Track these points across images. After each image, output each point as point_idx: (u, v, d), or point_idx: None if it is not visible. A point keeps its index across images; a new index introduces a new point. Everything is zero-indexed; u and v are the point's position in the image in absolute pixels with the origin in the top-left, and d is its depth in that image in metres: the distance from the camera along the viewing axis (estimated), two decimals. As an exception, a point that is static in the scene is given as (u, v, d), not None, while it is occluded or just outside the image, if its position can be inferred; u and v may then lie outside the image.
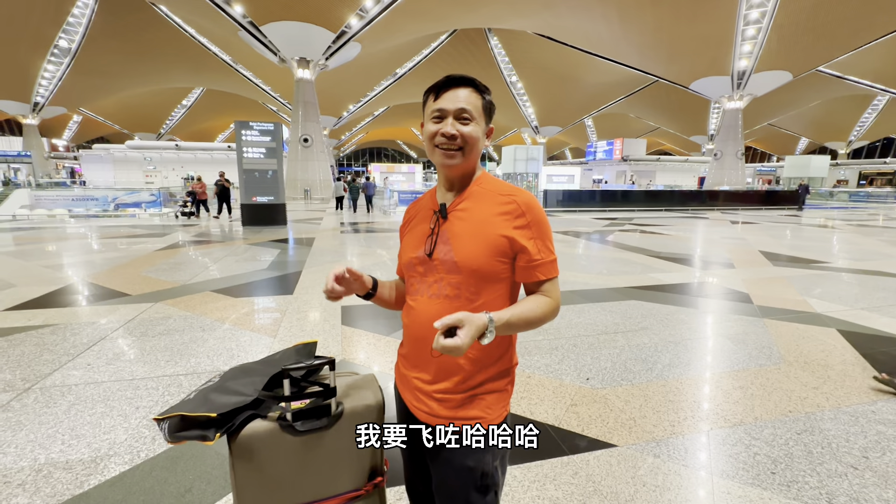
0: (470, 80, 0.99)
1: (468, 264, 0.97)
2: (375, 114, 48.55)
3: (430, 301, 1.01)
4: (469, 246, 0.97)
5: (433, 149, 1.00)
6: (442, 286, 1.00)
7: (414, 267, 1.06)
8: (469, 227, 0.99)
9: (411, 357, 1.07)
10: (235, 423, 1.01)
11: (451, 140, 0.97)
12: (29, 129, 35.47)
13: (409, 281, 1.08)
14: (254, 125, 11.15)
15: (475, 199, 1.03)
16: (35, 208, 14.43)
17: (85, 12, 27.23)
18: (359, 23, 22.62)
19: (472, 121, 0.98)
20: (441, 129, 0.97)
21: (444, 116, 0.97)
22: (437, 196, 1.09)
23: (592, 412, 2.47)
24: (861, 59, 29.07)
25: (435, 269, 1.01)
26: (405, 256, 1.09)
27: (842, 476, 1.95)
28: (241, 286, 5.20)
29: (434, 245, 1.02)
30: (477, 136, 0.99)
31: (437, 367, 1.01)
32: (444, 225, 1.02)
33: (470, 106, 0.97)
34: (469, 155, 0.99)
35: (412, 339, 1.07)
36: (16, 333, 3.58)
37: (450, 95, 0.97)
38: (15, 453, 2.05)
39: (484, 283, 0.98)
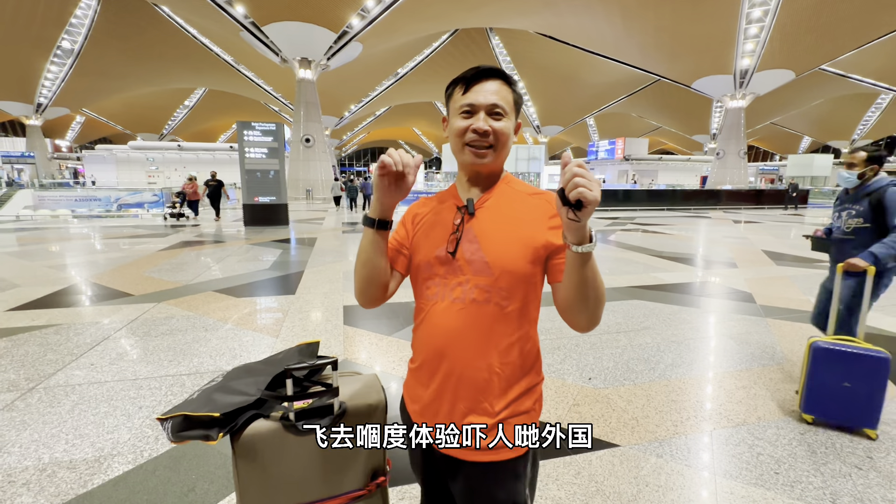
0: (500, 72, 0.91)
1: (501, 264, 0.87)
2: (377, 114, 48.58)
3: (453, 307, 0.89)
4: (501, 245, 0.88)
5: (462, 147, 0.91)
6: (468, 289, 0.88)
7: (432, 268, 0.93)
8: (500, 225, 0.91)
9: (424, 372, 0.95)
10: (238, 422, 1.01)
11: (484, 137, 0.89)
12: (32, 129, 35.63)
13: (425, 284, 0.96)
14: (256, 125, 11.18)
15: (504, 197, 0.95)
16: (38, 209, 14.50)
17: (87, 13, 27.32)
18: (360, 23, 22.63)
19: (505, 116, 0.90)
20: (472, 124, 0.89)
21: (474, 112, 0.90)
22: (458, 193, 1.00)
23: (595, 412, 2.46)
24: (864, 57, 28.95)
25: (459, 271, 0.90)
26: (420, 257, 0.96)
27: (846, 476, 1.94)
28: (243, 286, 5.21)
29: (458, 243, 0.91)
30: (509, 132, 0.92)
31: (456, 382, 0.89)
32: (470, 221, 0.93)
33: (502, 100, 0.90)
34: (500, 153, 0.92)
35: (429, 353, 0.93)
36: (20, 333, 3.60)
37: (480, 89, 0.89)
38: (19, 453, 2.06)
39: (516, 287, 0.88)
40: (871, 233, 2.51)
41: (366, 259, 0.96)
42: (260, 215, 11.54)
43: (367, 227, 0.94)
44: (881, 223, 2.47)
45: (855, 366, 2.24)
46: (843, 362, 2.26)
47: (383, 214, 0.93)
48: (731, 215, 16.47)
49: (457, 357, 0.89)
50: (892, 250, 2.38)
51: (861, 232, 2.55)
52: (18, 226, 11.72)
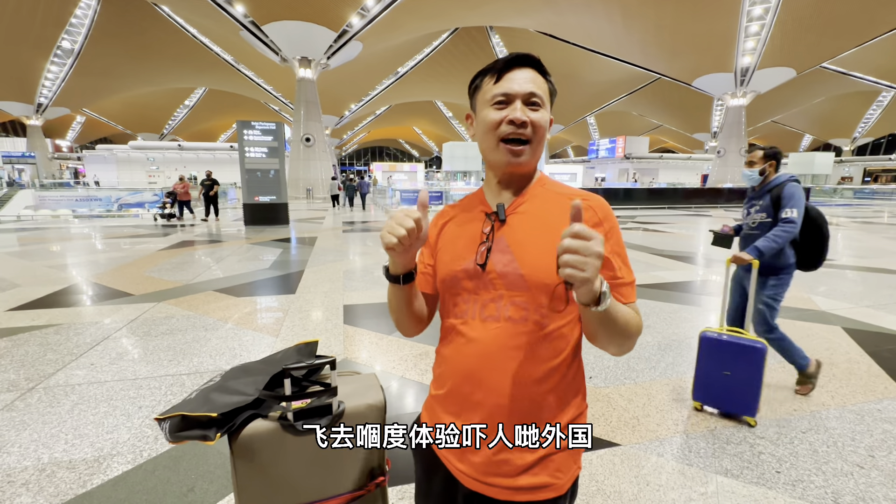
0: (535, 60, 0.82)
1: (538, 278, 0.77)
2: (377, 113, 48.55)
3: (486, 325, 0.80)
4: (538, 255, 0.78)
5: (496, 143, 0.81)
6: (502, 306, 0.79)
7: (459, 282, 0.83)
8: (536, 232, 0.80)
9: (453, 400, 0.84)
10: (236, 422, 1.01)
11: (521, 128, 0.79)
12: (33, 130, 35.67)
13: (452, 300, 0.86)
14: (256, 125, 11.17)
15: (539, 201, 0.84)
16: (39, 209, 14.52)
17: (87, 13, 27.33)
18: (360, 22, 22.61)
19: (542, 107, 0.81)
20: (508, 115, 0.79)
21: (509, 101, 0.80)
22: (486, 197, 0.89)
23: (595, 411, 2.46)
24: (865, 55, 28.88)
25: (491, 285, 0.80)
26: (445, 270, 0.86)
27: (847, 475, 1.93)
28: (243, 286, 5.21)
29: (488, 254, 0.81)
30: (546, 126, 0.82)
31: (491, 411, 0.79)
32: (501, 229, 0.83)
33: (539, 90, 0.80)
34: (537, 150, 0.82)
35: (459, 378, 0.83)
36: (20, 333, 3.60)
37: (515, 77, 0.80)
38: (19, 453, 2.06)
39: (555, 306, 0.79)
40: (772, 227, 2.53)
41: (398, 307, 0.87)
42: (260, 215, 11.54)
43: (393, 284, 0.83)
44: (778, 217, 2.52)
45: (735, 355, 2.32)
46: (725, 352, 2.35)
47: (406, 269, 0.81)
48: (719, 213, 16.44)
49: (493, 384, 0.79)
50: (774, 243, 2.41)
51: (764, 226, 2.57)
52: (19, 226, 11.73)
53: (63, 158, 43.03)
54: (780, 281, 2.55)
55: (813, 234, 2.55)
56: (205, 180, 13.00)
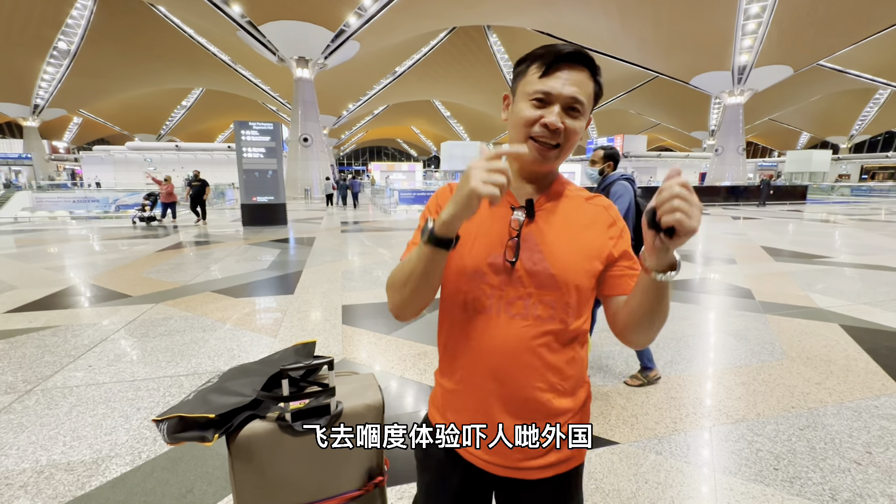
0: (588, 59, 0.77)
1: (569, 278, 0.78)
2: (375, 112, 48.49)
3: (512, 322, 0.79)
4: (568, 255, 0.79)
5: (525, 139, 0.78)
6: (530, 304, 0.79)
7: (483, 276, 0.81)
8: (563, 232, 0.81)
9: (474, 395, 0.83)
10: (234, 423, 1.01)
11: (554, 135, 0.76)
12: (29, 131, 35.54)
13: (472, 294, 0.82)
14: (253, 125, 11.15)
15: (564, 200, 0.85)
16: (36, 210, 14.47)
17: (84, 14, 27.23)
18: (357, 21, 22.58)
19: (581, 115, 0.78)
20: (545, 117, 0.75)
21: (550, 102, 0.76)
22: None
23: (594, 409, 2.46)
24: (862, 53, 28.96)
25: (519, 283, 0.79)
26: (467, 260, 0.81)
27: (845, 472, 1.94)
28: (241, 286, 5.20)
29: (517, 251, 0.80)
30: (580, 132, 0.79)
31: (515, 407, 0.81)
32: (529, 226, 0.81)
33: (583, 95, 0.76)
34: (565, 154, 0.80)
35: (478, 373, 0.82)
36: (17, 335, 3.59)
37: (562, 76, 0.75)
38: (17, 455, 2.05)
39: (582, 303, 0.81)
40: None
41: (421, 281, 0.75)
42: (258, 215, 11.52)
43: (438, 248, 0.71)
44: None
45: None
46: None
47: (457, 230, 0.71)
48: (717, 210, 16.48)
49: (515, 377, 0.80)
50: None
51: None
52: (16, 227, 11.69)
53: (60, 160, 42.89)
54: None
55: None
56: (192, 180, 12.34)
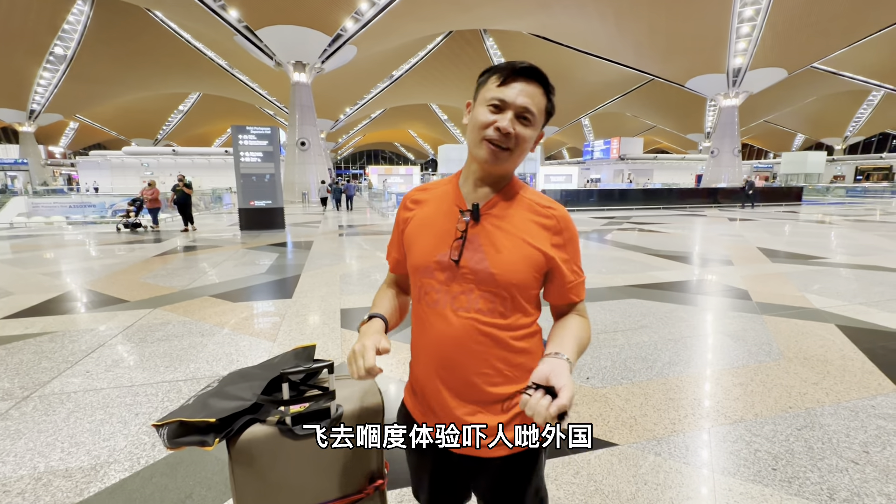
0: (542, 76, 0.86)
1: (507, 277, 0.86)
2: (372, 116, 48.61)
3: (457, 315, 0.89)
4: (507, 257, 0.87)
5: (480, 141, 0.87)
6: (472, 299, 0.88)
7: (431, 273, 0.91)
8: (506, 235, 0.89)
9: (431, 378, 0.94)
10: (234, 427, 1.01)
11: (505, 138, 0.84)
12: (25, 136, 35.44)
13: (423, 288, 0.93)
14: (251, 129, 11.15)
15: (511, 204, 0.92)
16: (32, 216, 14.40)
17: (80, 19, 27.23)
18: (354, 26, 22.66)
19: (532, 124, 0.86)
20: (498, 122, 0.84)
21: (503, 108, 0.85)
22: (461, 189, 0.95)
23: (593, 411, 2.47)
24: (855, 55, 29.24)
25: (462, 279, 0.88)
26: (417, 259, 0.93)
27: (843, 471, 1.95)
28: (239, 290, 5.19)
29: (461, 250, 0.89)
30: (530, 140, 0.88)
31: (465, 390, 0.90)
32: (474, 228, 0.90)
33: (535, 106, 0.85)
34: (516, 159, 0.89)
35: (434, 359, 0.93)
36: (14, 342, 3.57)
37: (517, 86, 0.84)
38: (14, 462, 2.04)
39: (516, 299, 0.88)
40: None
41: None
42: (256, 219, 11.51)
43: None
44: None
45: None
46: None
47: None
48: (714, 212, 16.56)
49: (464, 363, 0.89)
50: None
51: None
52: (12, 233, 11.64)
53: (56, 165, 42.77)
54: None
55: None
56: (176, 186, 11.83)
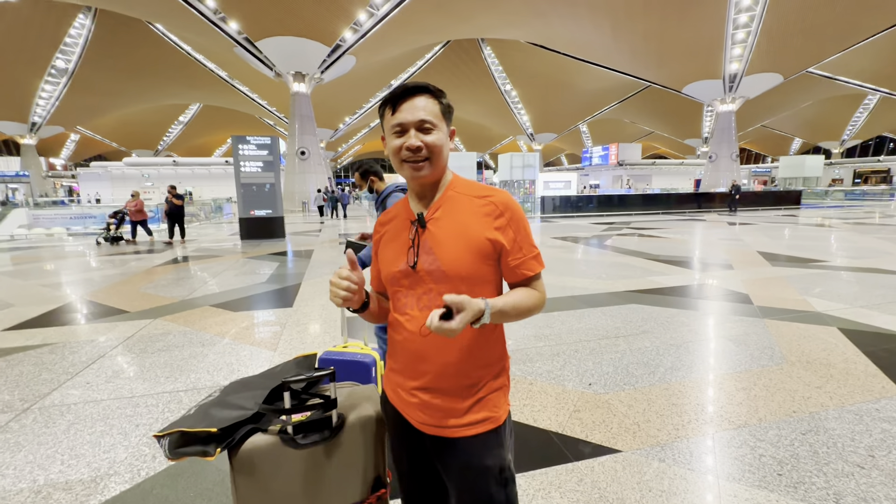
0: (424, 87, 0.97)
1: (456, 271, 0.95)
2: (371, 125, 48.86)
3: (423, 314, 0.97)
4: (453, 252, 0.96)
5: (400, 163, 0.97)
6: (432, 297, 0.97)
7: (398, 281, 1.02)
8: (450, 233, 0.97)
9: (407, 372, 1.03)
10: (236, 437, 1.00)
11: (417, 152, 0.94)
12: (27, 148, 35.62)
13: (395, 296, 1.04)
14: (251, 139, 11.21)
15: (451, 204, 1.01)
16: (33, 227, 14.43)
17: (81, 32, 27.51)
18: (353, 36, 22.88)
19: (435, 129, 0.95)
20: (405, 142, 0.95)
21: (405, 129, 0.95)
22: (410, 206, 1.06)
23: (596, 418, 2.45)
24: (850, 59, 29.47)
25: (422, 281, 0.98)
26: (386, 271, 1.05)
27: (849, 476, 1.94)
28: (240, 300, 5.19)
29: (417, 256, 0.98)
30: (441, 143, 0.97)
31: (436, 376, 0.98)
32: (423, 234, 0.99)
33: (429, 114, 0.95)
34: (437, 163, 0.98)
35: (407, 354, 1.02)
36: (14, 353, 3.56)
37: (407, 106, 0.95)
38: (13, 475, 2.03)
39: (474, 288, 0.95)
40: None
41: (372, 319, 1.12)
42: (256, 228, 11.53)
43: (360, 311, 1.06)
44: None
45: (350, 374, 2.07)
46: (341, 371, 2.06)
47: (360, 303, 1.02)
48: (713, 216, 16.58)
49: (435, 355, 0.98)
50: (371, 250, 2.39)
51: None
52: (13, 245, 11.65)
53: (57, 177, 42.91)
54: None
55: None
56: (167, 197, 11.30)
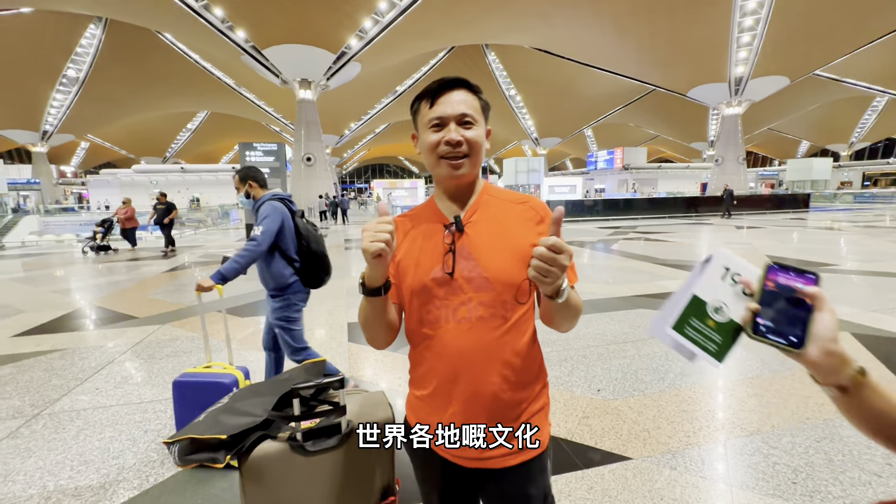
0: (464, 81, 0.92)
1: (501, 278, 0.87)
2: (377, 131, 49.16)
3: (460, 327, 0.88)
4: (497, 259, 0.88)
5: (437, 161, 0.90)
6: (472, 307, 0.88)
7: (430, 291, 0.90)
8: (492, 238, 0.90)
9: (439, 398, 0.92)
10: (245, 444, 1.00)
11: (457, 147, 0.88)
12: (38, 156, 36.15)
13: (424, 309, 0.92)
14: (257, 146, 11.34)
15: (488, 208, 0.94)
16: (44, 234, 14.64)
17: (92, 42, 27.97)
18: (358, 43, 23.08)
19: (475, 124, 0.90)
20: (444, 137, 0.88)
21: (444, 124, 0.89)
22: (439, 208, 0.97)
23: (605, 424, 2.42)
24: (857, 61, 29.22)
25: (460, 290, 0.88)
26: (415, 280, 0.91)
27: (866, 484, 1.90)
28: (247, 305, 5.21)
29: (454, 262, 0.89)
30: (481, 139, 0.91)
31: (472, 400, 0.89)
32: (461, 238, 0.91)
33: (470, 109, 0.89)
34: (476, 161, 0.91)
35: (443, 377, 0.91)
36: (25, 359, 3.59)
37: (447, 100, 0.89)
38: (24, 481, 2.04)
39: (519, 296, 0.88)
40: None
41: (374, 321, 0.91)
42: (263, 234, 11.58)
43: (372, 296, 0.86)
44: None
45: (209, 395, 2.00)
46: (200, 393, 2.05)
47: (384, 279, 0.86)
48: (720, 220, 16.44)
49: (472, 376, 0.88)
50: (235, 264, 2.29)
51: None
52: (24, 251, 11.80)
53: (67, 184, 43.52)
54: (286, 301, 2.45)
55: (305, 252, 2.48)
56: (157, 204, 11.04)
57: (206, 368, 2.15)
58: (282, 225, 2.40)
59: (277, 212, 2.40)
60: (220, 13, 20.78)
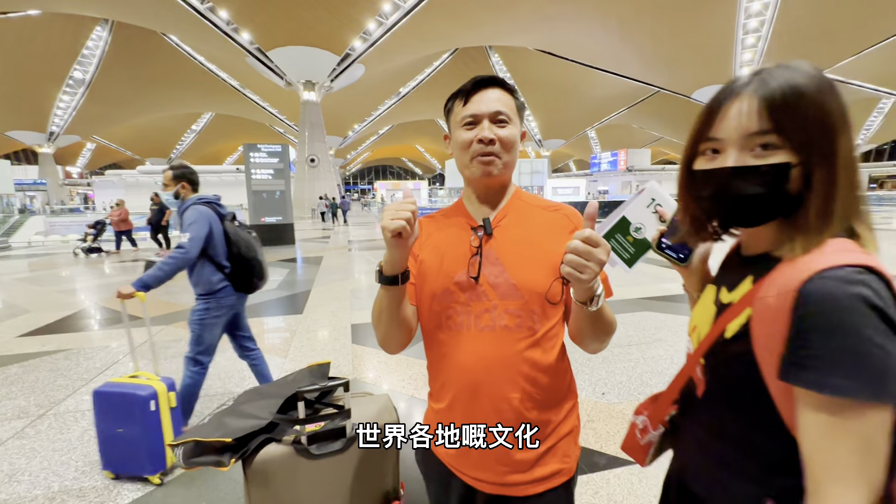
0: (500, 81, 0.88)
1: (530, 287, 0.82)
2: (380, 132, 49.30)
3: (482, 335, 0.83)
4: (526, 265, 0.84)
5: (469, 160, 0.86)
6: (496, 315, 0.83)
7: (451, 295, 0.86)
8: (521, 244, 0.86)
9: (459, 410, 0.86)
10: (250, 447, 1.00)
11: (490, 145, 0.84)
12: (44, 157, 36.47)
13: (444, 314, 0.87)
14: (262, 147, 11.35)
15: (519, 213, 0.90)
16: (50, 234, 14.74)
17: (99, 44, 28.21)
18: (362, 45, 23.17)
19: (509, 123, 0.86)
20: (477, 134, 0.84)
21: (477, 121, 0.85)
22: (467, 210, 0.93)
23: (610, 428, 2.41)
24: (863, 63, 29.07)
25: (484, 296, 0.84)
26: (437, 283, 0.87)
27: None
28: (250, 306, 5.18)
29: (479, 266, 0.85)
30: (516, 139, 0.87)
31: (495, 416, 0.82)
32: (489, 242, 0.87)
33: (505, 107, 0.85)
34: (509, 161, 0.87)
35: (462, 387, 0.85)
36: (30, 359, 3.61)
37: (481, 98, 0.85)
38: (29, 481, 2.04)
39: (546, 309, 0.83)
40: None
41: (389, 316, 0.84)
42: (266, 235, 11.63)
43: (390, 286, 0.80)
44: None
45: (123, 408, 1.96)
46: (115, 405, 1.98)
47: (403, 267, 0.79)
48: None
49: (493, 388, 0.83)
50: (160, 272, 2.21)
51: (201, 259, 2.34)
52: (30, 251, 11.89)
53: (73, 185, 43.84)
54: (208, 305, 2.39)
55: (235, 258, 2.41)
56: (152, 205, 11.06)
57: (131, 378, 2.07)
58: (210, 231, 2.33)
59: (204, 216, 2.31)
60: (226, 15, 20.92)
